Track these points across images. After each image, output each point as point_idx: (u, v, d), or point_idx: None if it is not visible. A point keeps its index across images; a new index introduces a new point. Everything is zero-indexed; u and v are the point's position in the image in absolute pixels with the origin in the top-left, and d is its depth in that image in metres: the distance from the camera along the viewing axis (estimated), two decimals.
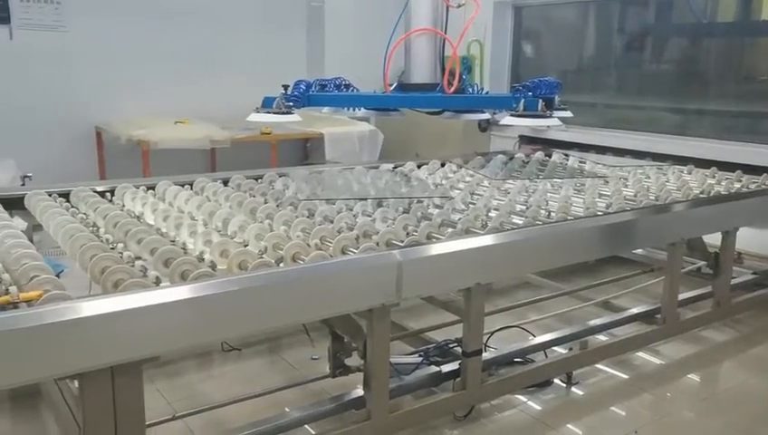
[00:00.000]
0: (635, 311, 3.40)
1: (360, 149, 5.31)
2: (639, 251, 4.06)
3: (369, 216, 2.76)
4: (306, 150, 5.85)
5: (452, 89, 2.72)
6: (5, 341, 1.57)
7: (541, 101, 2.54)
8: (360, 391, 2.40)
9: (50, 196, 2.93)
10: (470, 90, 2.88)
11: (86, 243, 2.20)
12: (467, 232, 2.58)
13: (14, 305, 1.72)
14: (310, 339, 3.26)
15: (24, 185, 3.47)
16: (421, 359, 2.63)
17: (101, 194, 3.02)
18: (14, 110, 4.67)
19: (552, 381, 2.94)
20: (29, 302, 1.74)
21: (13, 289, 1.77)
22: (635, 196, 3.31)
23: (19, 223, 2.65)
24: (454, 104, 2.86)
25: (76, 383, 1.81)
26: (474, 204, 3.04)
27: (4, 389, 2.37)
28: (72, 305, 1.68)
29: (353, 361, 2.50)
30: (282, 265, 2.18)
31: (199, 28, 5.52)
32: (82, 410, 1.76)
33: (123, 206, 2.91)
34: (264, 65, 5.54)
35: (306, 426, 2.46)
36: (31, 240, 2.41)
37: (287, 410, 2.52)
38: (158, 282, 1.95)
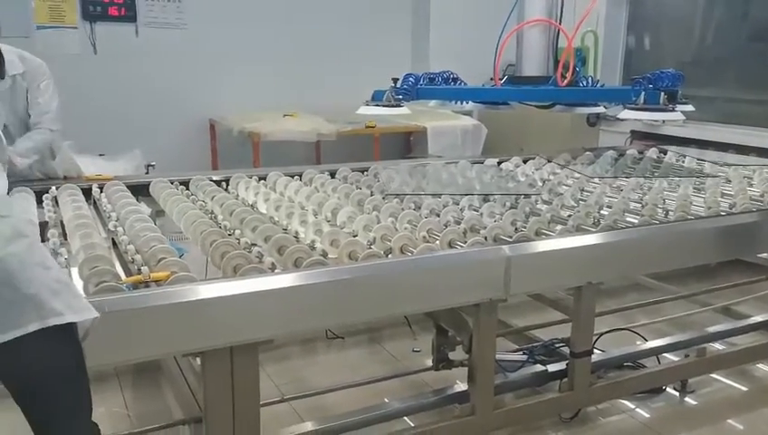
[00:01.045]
0: (758, 319, 3.18)
1: (462, 144, 5.27)
2: (765, 255, 3.78)
3: (476, 210, 2.74)
4: (409, 144, 5.88)
5: (565, 81, 2.64)
6: (139, 317, 1.68)
7: (663, 93, 2.41)
8: (463, 386, 2.39)
9: (171, 184, 3.11)
10: (583, 82, 2.78)
11: (206, 229, 2.32)
12: (578, 229, 2.50)
13: (146, 284, 1.84)
14: (412, 331, 3.28)
15: (147, 173, 3.70)
16: (526, 357, 2.58)
17: (217, 183, 3.16)
18: (140, 103, 4.98)
19: (665, 389, 2.81)
20: (158, 282, 1.86)
21: (144, 269, 1.89)
22: (761, 195, 3.09)
23: (144, 208, 2.82)
24: (568, 97, 2.77)
25: (198, 361, 1.92)
26: (584, 201, 2.94)
27: (135, 362, 2.55)
28: (198, 287, 1.77)
29: (456, 355, 2.50)
30: (390, 256, 2.20)
31: (307, 24, 5.66)
32: (204, 386, 1.86)
33: (237, 195, 3.04)
34: (369, 59, 5.61)
35: (405, 418, 2.49)
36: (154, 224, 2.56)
37: (386, 400, 2.56)
38: (273, 268, 2.03)
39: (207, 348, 1.79)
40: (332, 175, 3.38)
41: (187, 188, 3.11)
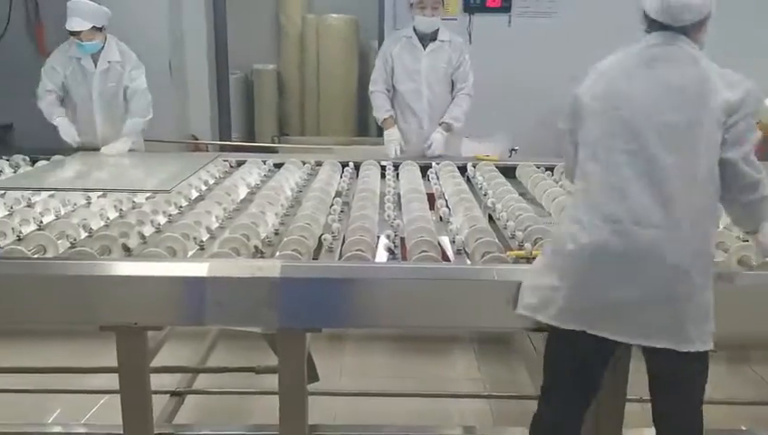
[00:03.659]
0: None
1: None
2: None
3: None
4: None
5: None
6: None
7: None
8: None
9: (537, 168, 3.21)
10: None
11: None
12: None
13: (527, 260, 1.94)
14: None
15: (510, 157, 3.87)
16: None
17: None
18: (506, 88, 5.19)
19: None
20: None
21: (527, 246, 2.00)
22: None
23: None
24: None
25: None
26: None
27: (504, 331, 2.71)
28: None
29: None
30: None
31: None
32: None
33: None
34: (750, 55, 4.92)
35: None
36: None
37: (743, 427, 2.29)
38: None
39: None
40: None
41: (553, 174, 3.17)
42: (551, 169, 3.22)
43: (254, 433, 2.06)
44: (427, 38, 3.68)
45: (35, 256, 1.96)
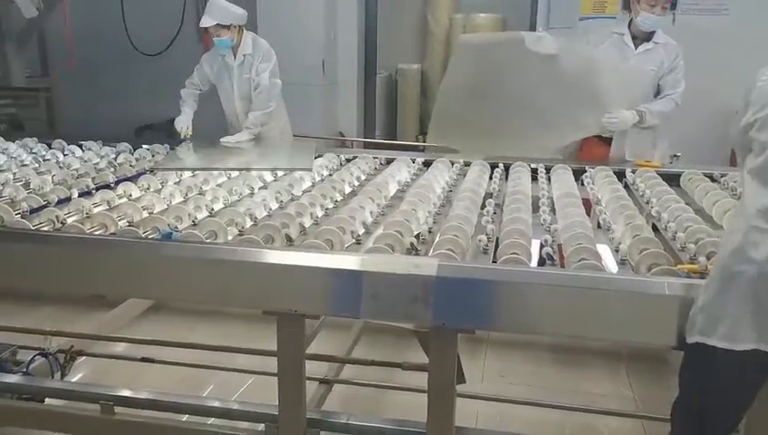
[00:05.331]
0: None
1: None
2: None
3: None
4: None
5: None
6: None
7: None
8: None
9: (706, 176, 2.98)
10: None
11: None
12: None
13: (701, 275, 1.79)
14: None
15: (671, 163, 3.61)
16: None
17: None
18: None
19: None
20: None
21: (702, 260, 1.85)
22: None
23: None
24: None
25: None
26: None
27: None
28: None
29: None
30: None
31: None
32: None
33: None
34: None
35: None
36: None
37: None
38: None
39: None
40: None
41: (725, 182, 2.93)
42: (724, 175, 3.00)
43: (400, 428, 2.06)
44: (640, 38, 3.50)
45: (208, 240, 2.10)
